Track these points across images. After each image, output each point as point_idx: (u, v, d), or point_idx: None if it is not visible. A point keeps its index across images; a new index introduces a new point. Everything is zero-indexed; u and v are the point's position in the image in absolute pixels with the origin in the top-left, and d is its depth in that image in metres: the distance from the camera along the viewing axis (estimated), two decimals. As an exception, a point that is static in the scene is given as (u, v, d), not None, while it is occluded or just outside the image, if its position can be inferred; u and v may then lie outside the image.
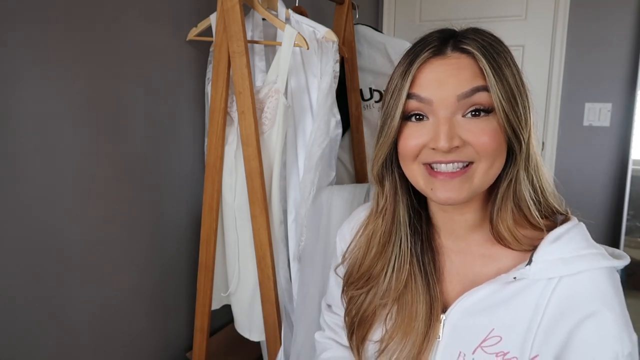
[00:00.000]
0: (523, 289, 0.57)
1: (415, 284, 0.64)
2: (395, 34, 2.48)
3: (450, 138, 0.54)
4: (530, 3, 2.20)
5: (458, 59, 0.56)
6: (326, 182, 1.24)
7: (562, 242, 0.57)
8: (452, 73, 0.56)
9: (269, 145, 1.16)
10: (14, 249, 0.92)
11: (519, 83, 0.58)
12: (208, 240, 1.21)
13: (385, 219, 0.67)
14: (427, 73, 0.57)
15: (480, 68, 0.55)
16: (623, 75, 2.09)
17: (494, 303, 0.58)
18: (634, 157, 2.07)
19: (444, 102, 0.55)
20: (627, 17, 2.05)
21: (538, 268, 0.56)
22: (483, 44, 0.56)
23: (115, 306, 1.15)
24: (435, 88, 0.56)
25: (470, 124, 0.55)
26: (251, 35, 1.25)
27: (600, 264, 0.55)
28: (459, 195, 0.56)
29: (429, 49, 0.57)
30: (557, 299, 0.55)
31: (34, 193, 0.94)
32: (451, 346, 0.60)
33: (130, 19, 1.10)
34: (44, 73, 0.94)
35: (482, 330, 0.58)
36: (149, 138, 1.19)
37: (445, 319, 0.61)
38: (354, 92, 1.52)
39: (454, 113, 0.56)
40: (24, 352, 0.96)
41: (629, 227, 2.12)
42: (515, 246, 0.59)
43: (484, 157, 0.55)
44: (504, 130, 0.56)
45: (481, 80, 0.55)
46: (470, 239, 0.64)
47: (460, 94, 0.55)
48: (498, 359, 0.57)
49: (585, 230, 0.59)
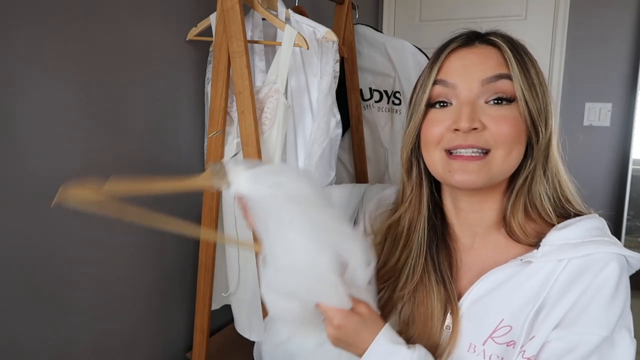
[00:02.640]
0: (532, 275, 0.57)
1: (429, 279, 0.64)
2: (395, 34, 2.48)
3: (471, 119, 0.56)
4: (530, 3, 2.19)
5: (484, 49, 0.60)
6: (326, 182, 1.24)
7: (570, 229, 0.57)
8: (478, 61, 0.59)
9: (269, 145, 1.16)
10: (13, 248, 0.92)
11: (541, 80, 0.60)
12: (208, 240, 1.21)
13: (410, 208, 0.67)
14: (454, 60, 0.60)
15: (505, 59, 0.58)
16: (623, 75, 2.09)
17: (504, 292, 0.58)
18: (634, 157, 2.07)
19: (468, 87, 0.58)
20: (627, 17, 2.05)
21: (545, 250, 0.56)
22: (508, 39, 0.60)
23: (115, 306, 1.15)
24: (461, 74, 0.59)
25: (491, 110, 0.57)
26: (251, 35, 1.25)
27: (607, 249, 0.55)
28: (477, 179, 0.57)
29: (458, 40, 0.61)
30: (564, 277, 0.55)
31: (34, 193, 0.94)
32: (462, 338, 0.60)
33: (130, 19, 1.10)
34: (44, 72, 0.94)
35: (492, 320, 0.58)
36: (149, 138, 1.19)
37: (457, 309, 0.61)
38: (354, 92, 1.52)
39: (478, 97, 0.58)
40: (24, 352, 0.96)
41: (629, 227, 2.12)
42: (526, 241, 0.60)
43: (501, 144, 0.56)
44: (524, 120, 0.58)
45: (505, 69, 0.58)
46: (486, 237, 0.64)
47: (485, 79, 0.57)
48: (509, 348, 0.57)
49: (602, 223, 0.60)
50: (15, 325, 0.94)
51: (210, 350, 1.31)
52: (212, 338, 1.38)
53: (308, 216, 0.51)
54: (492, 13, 2.26)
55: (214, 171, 0.54)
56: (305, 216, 0.51)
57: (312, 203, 0.52)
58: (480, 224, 0.64)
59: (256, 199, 0.52)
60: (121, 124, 1.11)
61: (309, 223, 0.50)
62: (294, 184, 0.52)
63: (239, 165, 0.53)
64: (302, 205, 0.51)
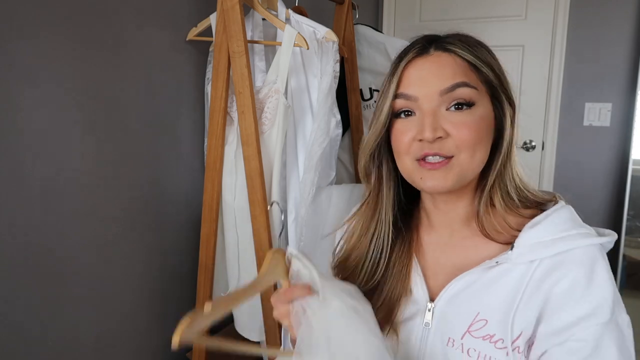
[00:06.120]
0: (505, 273, 0.60)
1: (392, 278, 0.67)
2: (395, 34, 2.48)
3: (434, 129, 0.59)
4: (530, 3, 2.20)
5: (440, 56, 0.61)
6: (326, 182, 1.24)
7: (540, 227, 0.59)
8: (434, 71, 0.60)
9: (269, 145, 1.16)
10: (14, 249, 0.92)
11: (501, 77, 0.62)
12: (208, 240, 1.21)
13: (366, 212, 0.70)
14: (412, 72, 0.62)
15: (461, 65, 0.60)
16: (623, 75, 2.09)
17: (479, 288, 0.61)
18: (634, 157, 2.07)
19: (428, 98, 0.60)
20: (626, 17, 2.05)
21: (519, 252, 0.59)
22: (464, 42, 0.62)
23: (115, 306, 1.15)
24: (420, 86, 0.61)
25: (452, 117, 0.60)
26: (251, 35, 1.25)
27: (579, 243, 0.57)
28: (445, 183, 0.60)
29: (414, 50, 0.62)
30: (537, 277, 0.58)
31: (34, 193, 0.94)
32: (441, 333, 0.62)
33: (130, 19, 1.10)
34: (44, 74, 0.94)
35: (468, 315, 0.61)
36: (149, 138, 1.19)
37: (434, 307, 0.64)
38: (354, 92, 1.52)
39: (438, 106, 0.60)
40: (25, 352, 0.96)
41: (629, 227, 2.12)
42: (500, 239, 0.62)
43: (463, 149, 0.59)
44: (487, 120, 0.61)
45: (462, 76, 0.60)
46: (463, 232, 0.66)
47: (443, 90, 0.59)
48: (485, 342, 0.59)
49: (569, 213, 0.61)
50: (15, 325, 0.94)
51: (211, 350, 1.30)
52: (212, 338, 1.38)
53: (369, 327, 0.56)
54: (492, 13, 2.26)
55: (277, 262, 0.57)
56: (367, 327, 0.56)
57: (368, 319, 0.57)
58: (457, 220, 0.67)
59: (332, 309, 0.55)
60: (121, 124, 1.11)
61: (370, 334, 0.55)
62: (353, 299, 0.57)
63: (313, 270, 0.56)
64: (362, 317, 0.56)
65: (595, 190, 2.19)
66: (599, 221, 2.20)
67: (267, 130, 1.15)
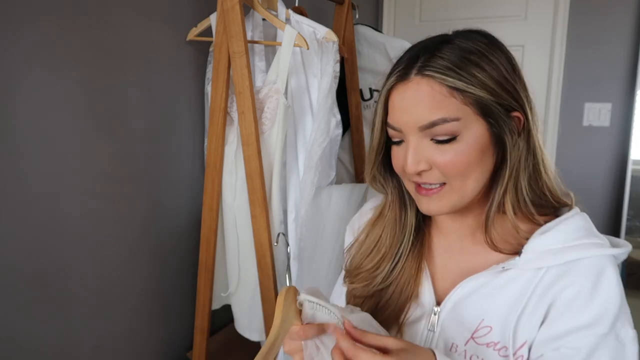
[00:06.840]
0: (512, 279, 0.58)
1: (403, 279, 0.66)
2: (395, 34, 2.48)
3: (415, 163, 0.57)
4: (530, 3, 2.19)
5: (418, 84, 0.56)
6: (326, 182, 1.24)
7: (550, 234, 0.58)
8: (412, 102, 0.57)
9: (269, 145, 1.16)
10: (14, 248, 0.92)
11: (500, 86, 0.57)
12: (208, 240, 1.21)
13: (390, 226, 0.68)
14: (395, 100, 0.59)
15: (440, 92, 0.55)
16: (623, 75, 2.09)
17: (485, 294, 0.60)
18: (633, 157, 2.07)
19: (410, 130, 0.57)
20: (626, 17, 2.05)
21: (527, 258, 0.57)
22: (448, 59, 0.56)
23: (115, 306, 1.15)
24: (402, 118, 0.58)
25: (436, 149, 0.57)
26: (251, 36, 1.25)
27: (588, 253, 0.56)
28: (440, 209, 0.59)
29: (396, 73, 0.59)
30: (543, 285, 0.57)
31: (34, 193, 0.94)
32: (444, 338, 0.62)
33: (130, 19, 1.10)
34: (44, 73, 0.94)
35: (473, 321, 0.60)
36: (149, 138, 1.19)
37: (439, 312, 0.63)
38: (354, 92, 1.52)
39: (421, 139, 0.57)
40: (25, 351, 0.96)
41: (629, 227, 2.12)
42: (507, 249, 0.60)
43: (452, 177, 0.57)
44: (477, 144, 0.56)
45: (439, 109, 0.55)
46: (467, 239, 0.66)
47: (421, 126, 0.56)
48: (489, 349, 0.58)
49: (582, 221, 0.60)
50: (15, 324, 0.94)
51: (210, 350, 1.31)
52: (212, 338, 1.38)
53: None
54: (492, 13, 2.26)
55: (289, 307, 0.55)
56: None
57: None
58: (466, 228, 0.66)
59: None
60: (121, 124, 1.11)
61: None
62: (372, 328, 0.56)
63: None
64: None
65: (595, 190, 2.19)
66: (599, 221, 2.20)
67: (267, 131, 1.16)
